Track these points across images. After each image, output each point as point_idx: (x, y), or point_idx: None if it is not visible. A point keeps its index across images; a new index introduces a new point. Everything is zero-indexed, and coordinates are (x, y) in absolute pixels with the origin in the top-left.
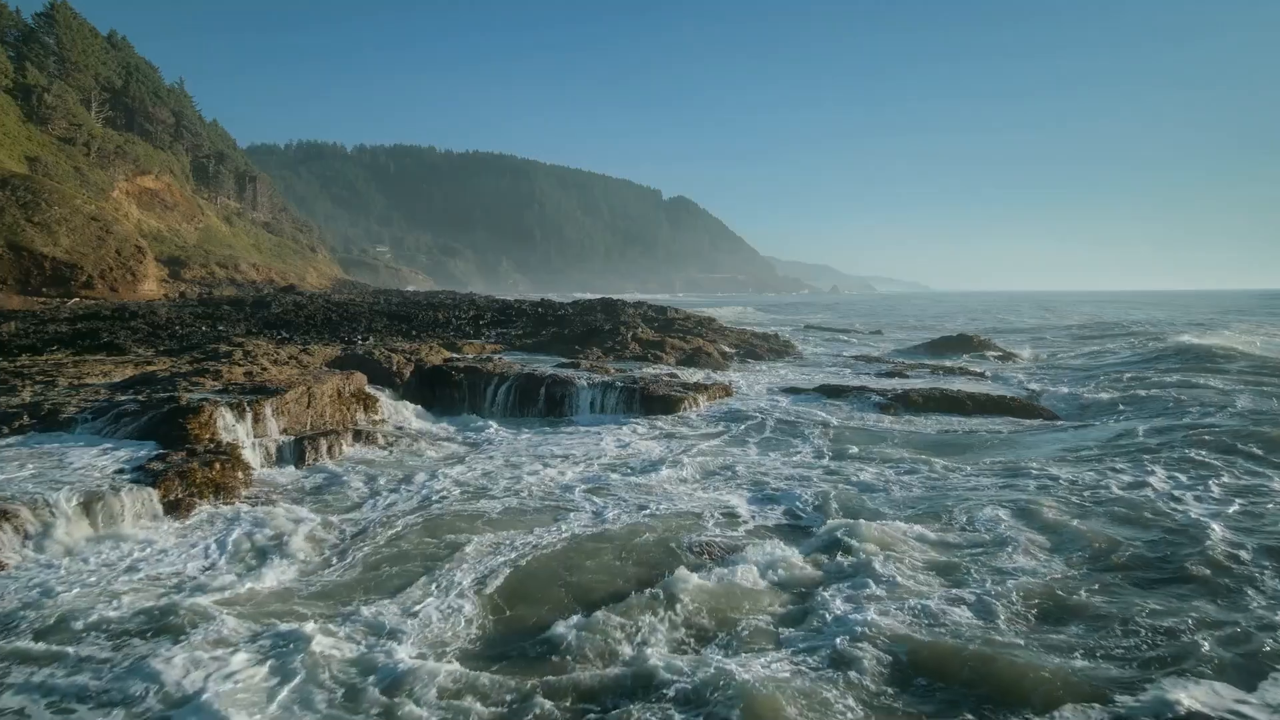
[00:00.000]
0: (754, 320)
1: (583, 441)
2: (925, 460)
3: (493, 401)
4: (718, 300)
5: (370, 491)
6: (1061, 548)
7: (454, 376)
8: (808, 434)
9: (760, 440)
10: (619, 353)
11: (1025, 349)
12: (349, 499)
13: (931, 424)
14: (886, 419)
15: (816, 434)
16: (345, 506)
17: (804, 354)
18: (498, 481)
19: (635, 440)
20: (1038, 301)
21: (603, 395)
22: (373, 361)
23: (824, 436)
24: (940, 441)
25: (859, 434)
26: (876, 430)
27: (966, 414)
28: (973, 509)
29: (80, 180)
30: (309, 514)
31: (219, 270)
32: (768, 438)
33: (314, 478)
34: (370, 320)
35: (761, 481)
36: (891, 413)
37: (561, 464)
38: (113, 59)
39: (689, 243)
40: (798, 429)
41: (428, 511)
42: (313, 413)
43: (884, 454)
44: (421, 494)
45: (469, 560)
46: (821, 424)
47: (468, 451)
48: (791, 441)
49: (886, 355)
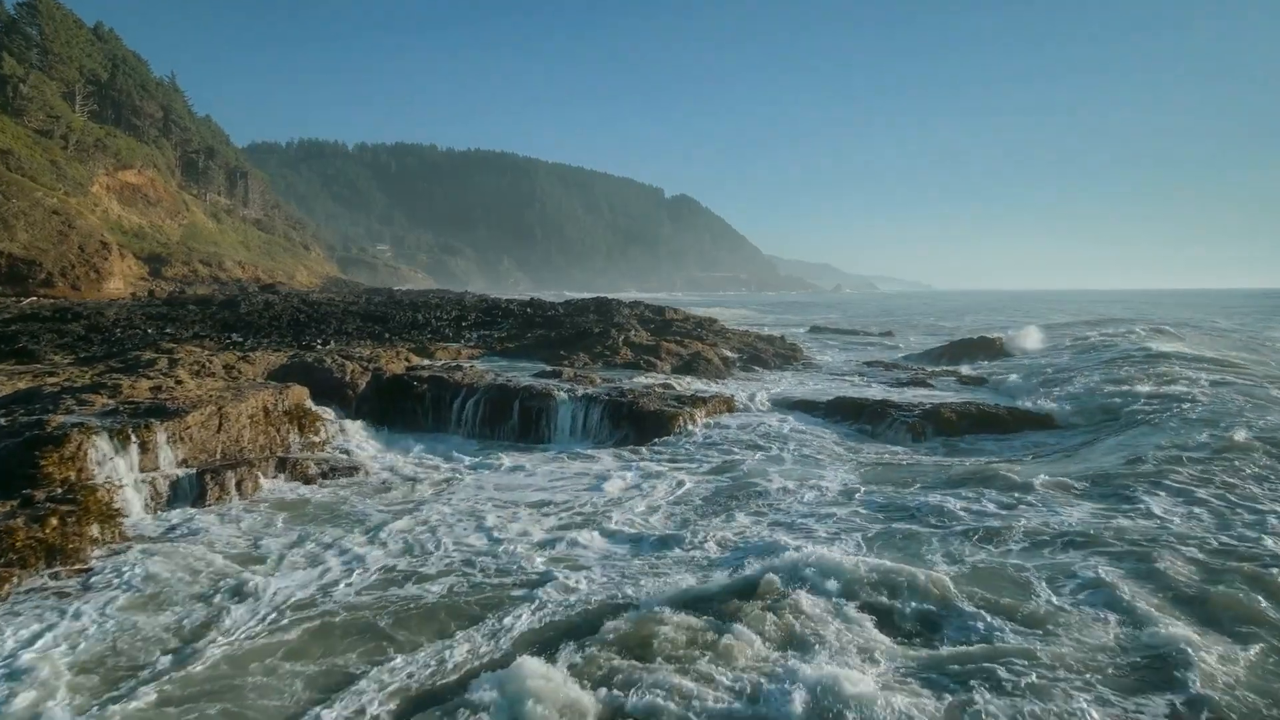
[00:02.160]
0: (755, 320)
1: (559, 476)
2: (1005, 526)
3: (459, 418)
4: (717, 300)
5: (254, 555)
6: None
7: (416, 388)
8: (828, 476)
9: (774, 487)
10: (609, 358)
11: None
12: (202, 585)
13: (972, 450)
14: (923, 455)
15: (841, 474)
16: (191, 595)
17: (813, 359)
18: (444, 545)
19: (620, 474)
20: (1048, 301)
21: (585, 411)
22: (323, 370)
23: (853, 472)
24: (993, 478)
25: (892, 472)
26: (911, 466)
27: (1006, 431)
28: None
29: (57, 174)
30: (119, 612)
31: (202, 268)
32: (782, 481)
33: (198, 524)
34: (342, 321)
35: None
36: (921, 436)
37: (530, 517)
38: (98, 51)
39: (691, 241)
40: (816, 465)
41: (323, 606)
42: (224, 438)
43: (939, 508)
44: (327, 571)
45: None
46: (845, 457)
47: (418, 490)
48: (810, 484)
49: (902, 360)
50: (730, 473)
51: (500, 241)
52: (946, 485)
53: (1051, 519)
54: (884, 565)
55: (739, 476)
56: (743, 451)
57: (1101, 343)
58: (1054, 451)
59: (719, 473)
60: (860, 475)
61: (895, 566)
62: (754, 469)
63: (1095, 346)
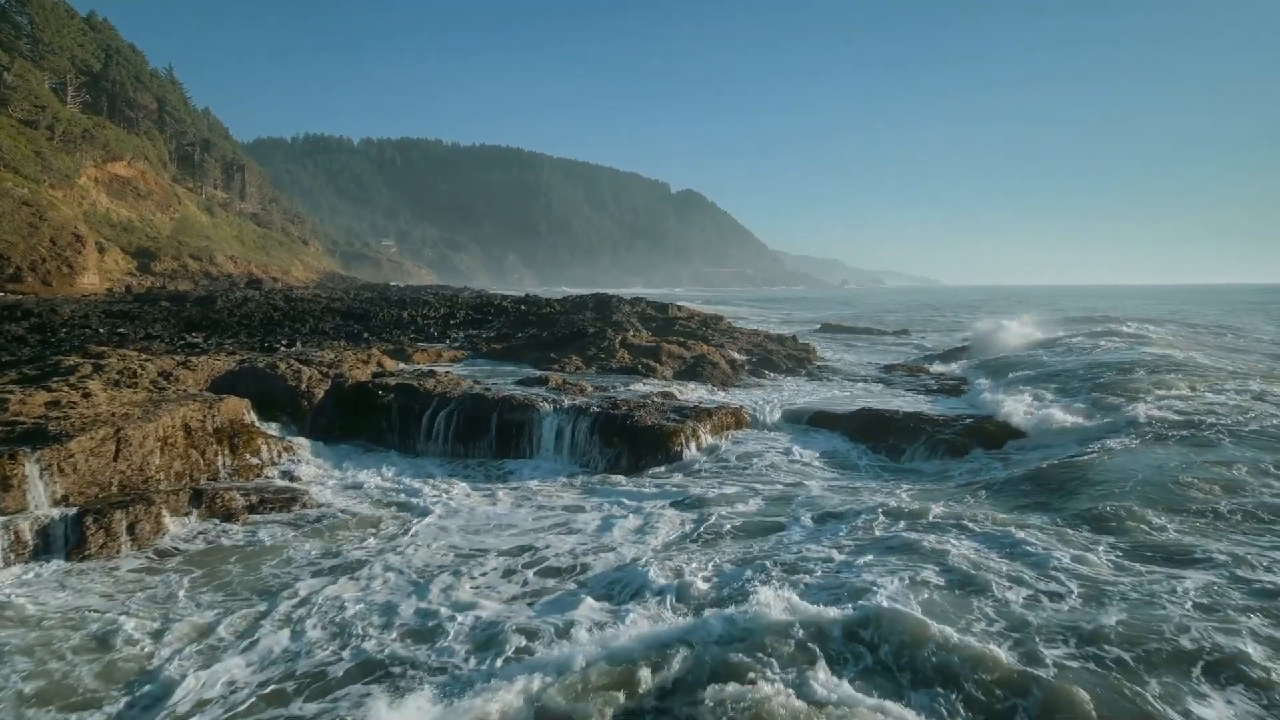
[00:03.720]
0: (760, 317)
1: (537, 510)
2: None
3: (430, 433)
4: (720, 296)
5: (107, 643)
6: None
7: (381, 398)
8: (866, 524)
9: (795, 540)
10: (604, 362)
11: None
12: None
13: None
14: (982, 505)
15: (883, 525)
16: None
17: (828, 361)
18: (376, 630)
19: (606, 513)
20: (1058, 296)
21: (572, 425)
22: (275, 378)
23: (888, 529)
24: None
25: (947, 530)
26: (965, 514)
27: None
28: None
29: (42, 165)
30: None
31: (192, 263)
32: (810, 536)
33: (63, 586)
34: (319, 320)
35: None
36: (967, 456)
37: (495, 575)
38: (91, 41)
39: (697, 236)
40: (846, 521)
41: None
42: (124, 466)
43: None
44: (208, 682)
45: None
46: (880, 488)
47: (365, 532)
48: (849, 541)
49: (924, 361)
50: (741, 512)
51: (505, 237)
52: (1046, 523)
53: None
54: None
55: (753, 523)
56: (755, 482)
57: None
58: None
59: (727, 512)
60: (908, 523)
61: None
62: (771, 510)
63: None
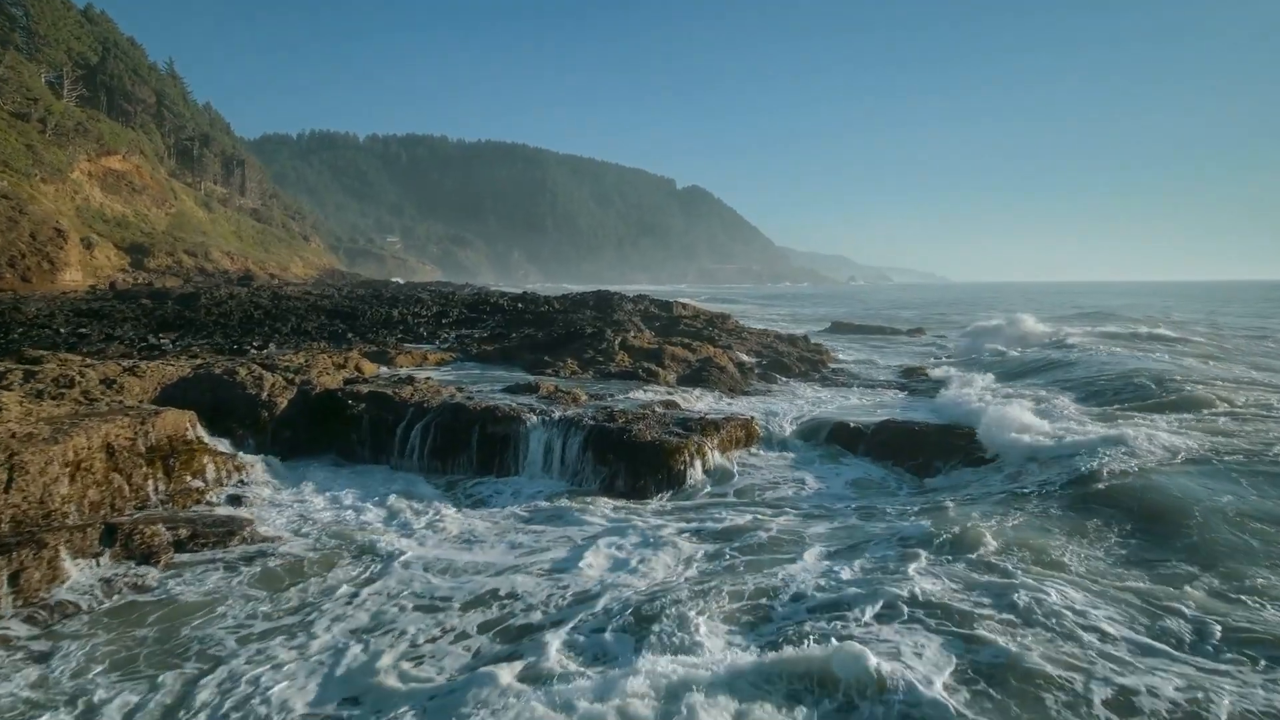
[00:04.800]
0: (765, 315)
1: (517, 551)
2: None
3: (404, 447)
4: (724, 294)
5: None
6: None
7: (351, 408)
8: (901, 573)
9: (823, 597)
10: (602, 366)
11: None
12: None
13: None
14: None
15: (926, 584)
16: None
17: (843, 364)
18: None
19: (602, 549)
20: (1069, 293)
21: (563, 440)
22: (232, 385)
23: (939, 572)
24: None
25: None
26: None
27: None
28: None
29: (33, 159)
30: None
31: (187, 259)
32: (831, 585)
33: None
34: (302, 319)
35: None
36: (1017, 480)
37: (444, 659)
38: (88, 34)
39: (703, 233)
40: (878, 593)
41: None
42: (20, 499)
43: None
44: None
45: None
46: (921, 540)
47: (312, 578)
48: (895, 609)
49: (945, 363)
50: (752, 553)
51: (511, 233)
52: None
53: None
54: None
55: (769, 571)
56: (768, 514)
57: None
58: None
59: (729, 561)
60: (958, 580)
61: None
62: (786, 555)
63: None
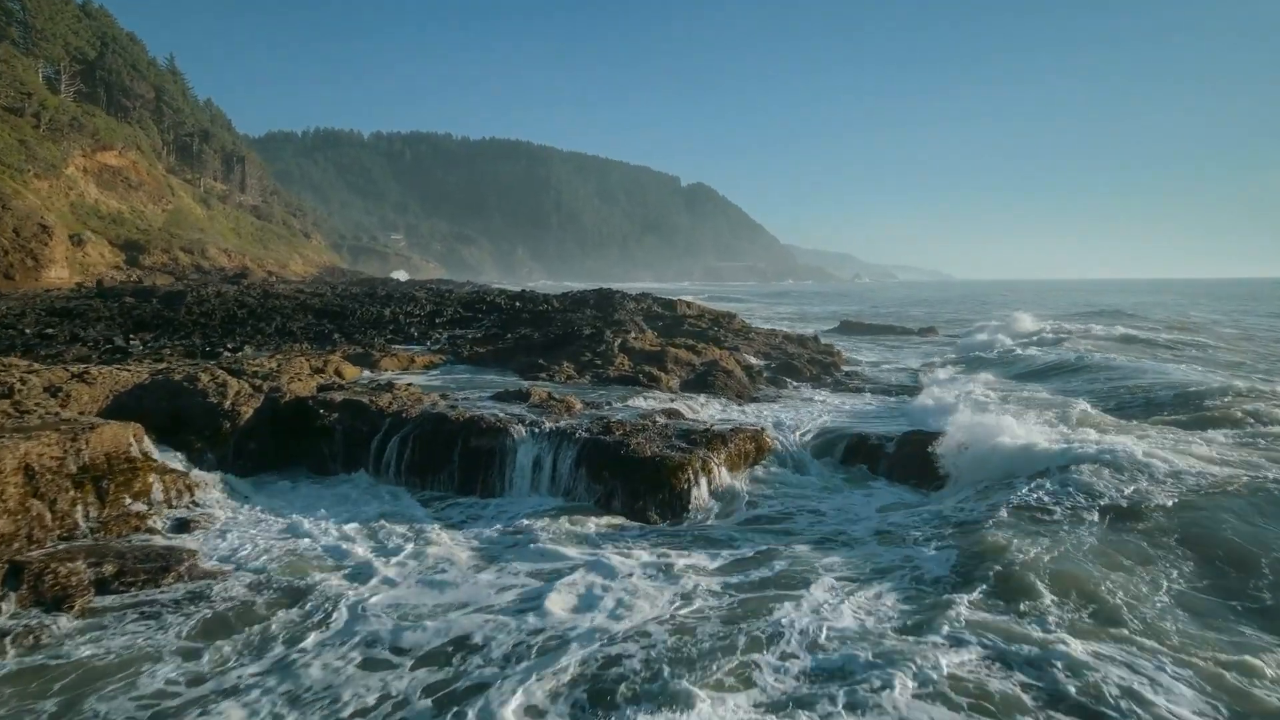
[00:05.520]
0: (771, 313)
1: (494, 586)
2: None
3: (380, 461)
4: (728, 292)
5: None
6: None
7: (323, 418)
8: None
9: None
10: (600, 370)
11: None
12: None
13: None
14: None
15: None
16: None
17: (857, 366)
18: None
19: (577, 593)
20: (1084, 291)
21: (554, 454)
22: (192, 393)
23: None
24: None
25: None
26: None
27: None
28: None
29: (26, 154)
30: None
31: (183, 256)
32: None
33: None
34: (287, 319)
35: None
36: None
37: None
38: (86, 29)
39: (708, 230)
40: (894, 659)
41: None
42: None
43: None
44: None
45: None
46: (949, 636)
47: (250, 636)
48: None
49: (959, 363)
50: (756, 591)
51: (515, 231)
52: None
53: None
54: None
55: (773, 619)
56: (776, 545)
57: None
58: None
59: (737, 586)
60: (992, 645)
61: None
62: (794, 595)
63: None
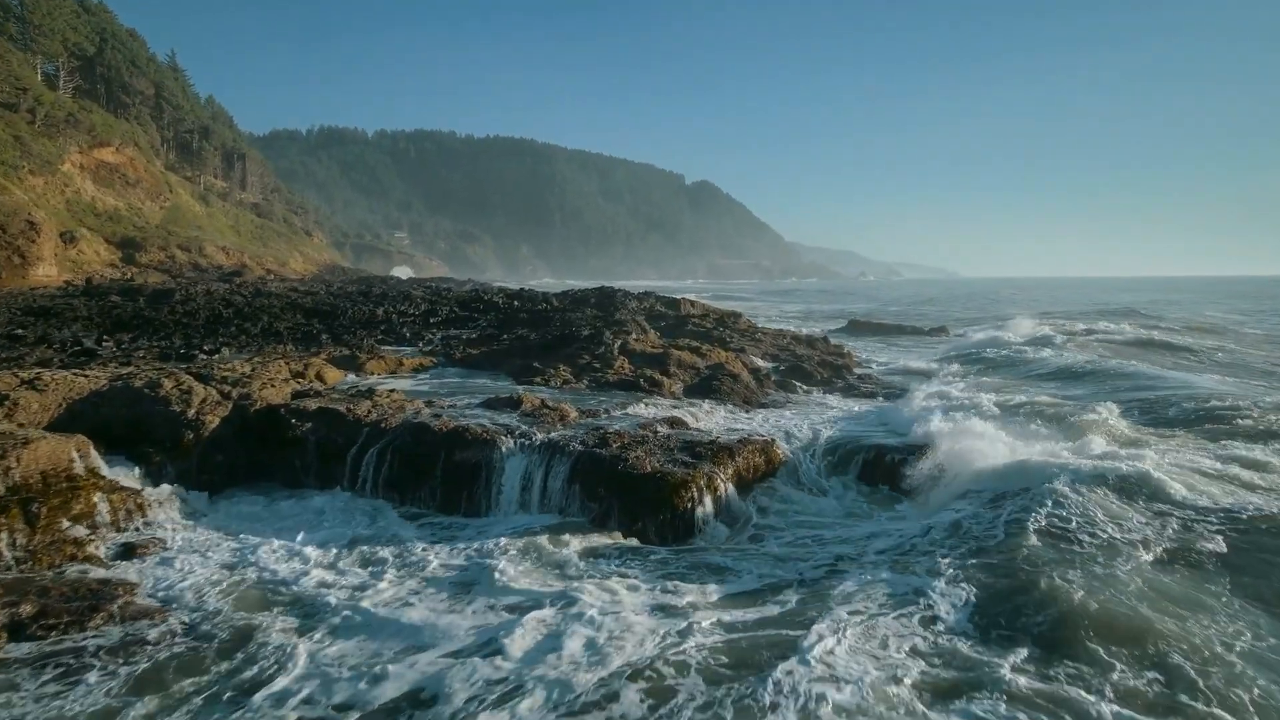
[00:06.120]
0: (778, 314)
1: (468, 624)
2: None
3: (357, 475)
4: (731, 290)
5: None
6: None
7: (295, 428)
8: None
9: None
10: (599, 373)
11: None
12: None
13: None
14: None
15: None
16: None
17: (869, 369)
18: None
19: (554, 633)
20: (1091, 289)
21: (545, 469)
22: (153, 400)
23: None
24: None
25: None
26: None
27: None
28: None
29: (21, 150)
30: None
31: (180, 254)
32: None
33: None
34: (275, 318)
35: None
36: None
37: None
38: (85, 24)
39: (712, 228)
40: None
41: None
42: None
43: None
44: None
45: None
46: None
47: (184, 690)
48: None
49: (958, 361)
50: (758, 631)
51: (519, 229)
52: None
53: None
54: None
55: (769, 675)
56: (785, 579)
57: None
58: None
59: (739, 630)
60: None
61: None
62: (799, 643)
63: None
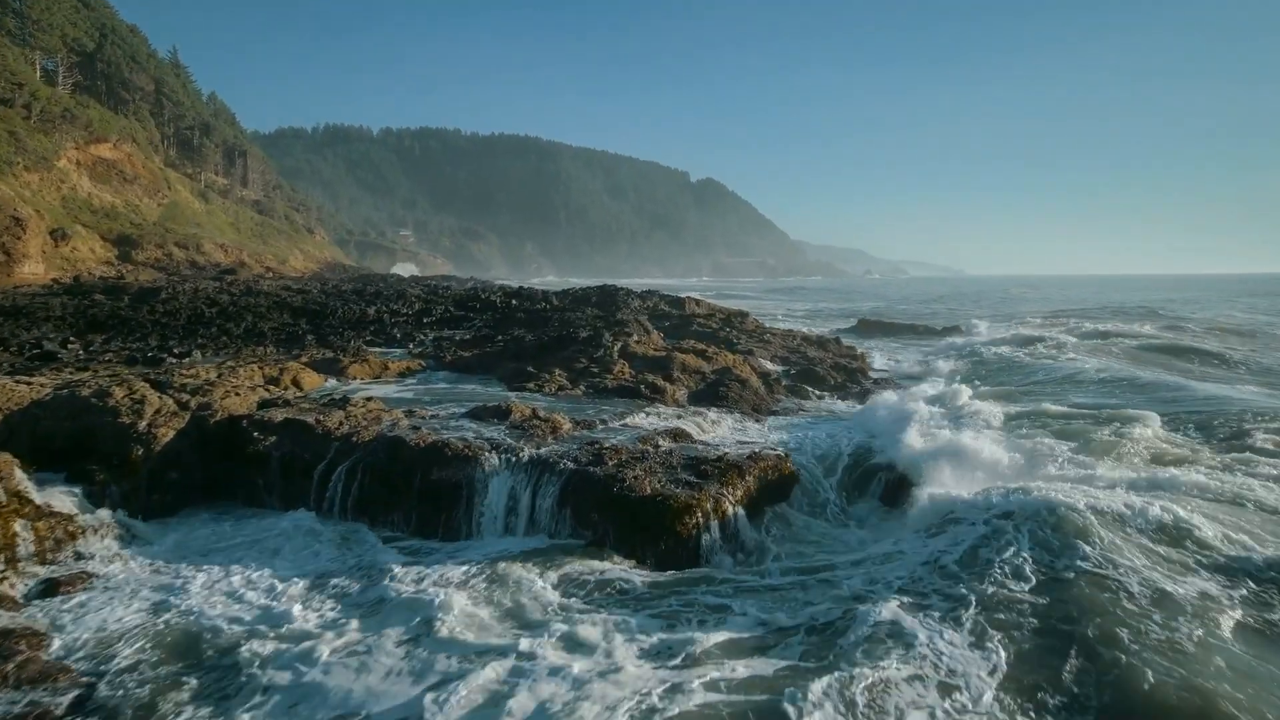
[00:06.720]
0: (781, 312)
1: (433, 678)
2: None
3: (324, 495)
4: (735, 289)
5: None
6: None
7: (258, 443)
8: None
9: None
10: (597, 378)
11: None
12: None
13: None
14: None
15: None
16: None
17: (883, 372)
18: None
19: (531, 690)
20: (1102, 287)
21: (532, 489)
22: (100, 411)
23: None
24: None
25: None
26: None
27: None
28: None
29: (16, 146)
30: None
31: (178, 251)
32: None
33: None
34: (259, 318)
35: None
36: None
37: None
38: (85, 20)
39: (717, 226)
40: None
41: None
42: None
43: None
44: None
45: None
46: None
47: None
48: None
49: (965, 361)
50: (756, 693)
51: (524, 227)
52: None
53: None
54: None
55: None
56: (792, 625)
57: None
58: None
59: (739, 692)
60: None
61: None
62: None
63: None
